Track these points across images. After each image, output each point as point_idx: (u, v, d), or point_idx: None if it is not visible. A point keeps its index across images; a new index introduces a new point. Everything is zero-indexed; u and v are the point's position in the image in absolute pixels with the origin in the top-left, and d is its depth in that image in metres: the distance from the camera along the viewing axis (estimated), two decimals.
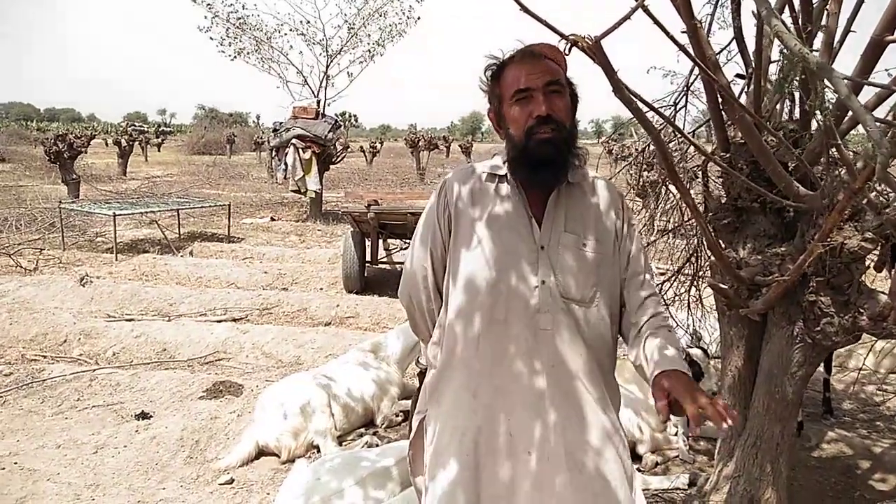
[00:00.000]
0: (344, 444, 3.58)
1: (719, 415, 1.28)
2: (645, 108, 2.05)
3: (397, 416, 3.84)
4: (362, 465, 2.78)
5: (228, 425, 3.72)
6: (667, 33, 1.82)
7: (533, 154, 1.49)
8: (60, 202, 10.23)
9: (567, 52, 1.57)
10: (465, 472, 1.51)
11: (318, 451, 3.39)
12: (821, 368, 3.77)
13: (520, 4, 1.57)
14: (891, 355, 4.13)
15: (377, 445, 3.38)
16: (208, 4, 13.31)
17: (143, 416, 3.86)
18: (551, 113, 1.49)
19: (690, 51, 2.02)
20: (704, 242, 3.46)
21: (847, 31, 2.37)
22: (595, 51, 1.64)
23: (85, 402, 4.12)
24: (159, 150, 34.62)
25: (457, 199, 1.60)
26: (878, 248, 2.27)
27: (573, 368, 1.50)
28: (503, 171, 1.60)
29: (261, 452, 3.40)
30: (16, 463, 3.29)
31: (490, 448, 1.50)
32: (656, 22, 1.74)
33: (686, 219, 3.43)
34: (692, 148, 3.33)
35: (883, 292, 2.27)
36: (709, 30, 2.77)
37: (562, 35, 1.60)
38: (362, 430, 3.77)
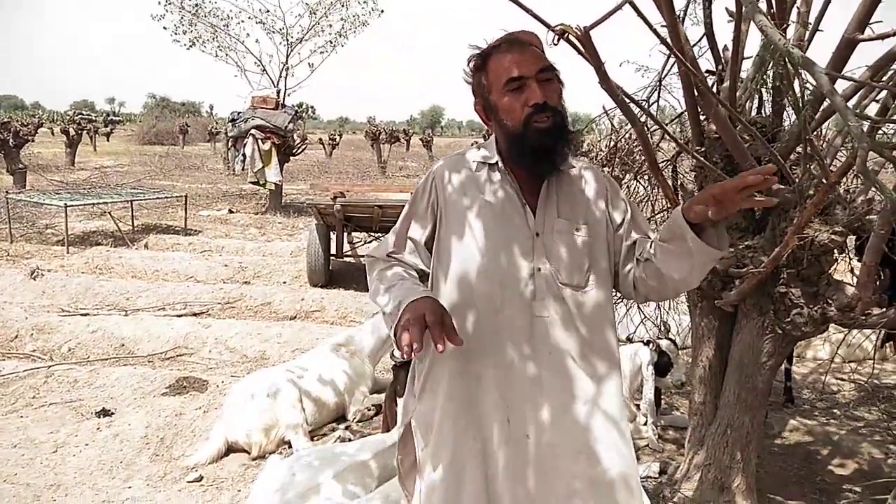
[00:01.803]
0: (316, 438, 3.53)
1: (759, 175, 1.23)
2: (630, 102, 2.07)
3: (369, 409, 3.81)
4: (339, 460, 2.74)
5: (194, 422, 3.63)
6: (651, 28, 1.83)
7: (532, 143, 1.47)
8: (7, 192, 9.82)
9: (555, 42, 1.56)
10: (468, 463, 1.50)
11: (290, 447, 3.33)
12: None
13: None
14: (845, 345, 4.28)
15: (350, 440, 3.35)
16: None
17: (105, 413, 3.72)
18: (547, 100, 1.47)
19: (671, 45, 2.04)
20: None
21: (815, 30, 2.43)
22: (584, 41, 1.65)
23: (41, 399, 3.95)
24: (108, 140, 33.55)
25: (447, 187, 1.58)
26: (846, 240, 2.34)
27: (571, 354, 1.50)
28: (494, 159, 1.58)
29: (230, 449, 3.32)
30: None
31: (490, 436, 1.49)
32: (642, 16, 1.75)
33: (656, 212, 3.48)
34: (662, 142, 3.39)
35: (850, 284, 2.35)
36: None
37: (548, 26, 1.59)
38: (334, 424, 3.72)
